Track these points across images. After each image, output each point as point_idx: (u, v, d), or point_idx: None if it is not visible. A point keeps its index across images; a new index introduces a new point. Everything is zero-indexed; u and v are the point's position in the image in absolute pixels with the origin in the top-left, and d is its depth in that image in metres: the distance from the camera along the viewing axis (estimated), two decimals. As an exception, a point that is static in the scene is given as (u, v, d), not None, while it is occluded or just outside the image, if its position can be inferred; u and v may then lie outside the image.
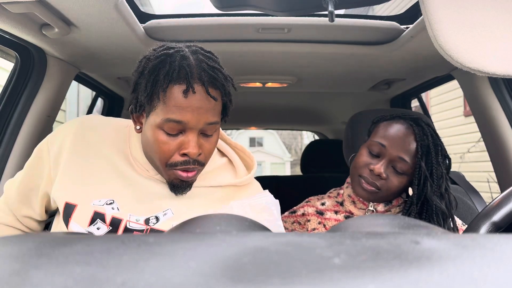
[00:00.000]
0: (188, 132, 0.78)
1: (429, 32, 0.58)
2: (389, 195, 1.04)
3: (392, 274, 0.17)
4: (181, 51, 0.78)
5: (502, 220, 0.63)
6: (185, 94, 0.75)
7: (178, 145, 0.79)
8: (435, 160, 0.99)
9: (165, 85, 0.75)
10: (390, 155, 1.00)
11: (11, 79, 1.23)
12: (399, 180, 1.00)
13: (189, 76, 0.75)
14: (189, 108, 0.75)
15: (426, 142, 0.99)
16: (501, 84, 1.32)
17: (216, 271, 0.17)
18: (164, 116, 0.76)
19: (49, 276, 0.17)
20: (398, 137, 1.01)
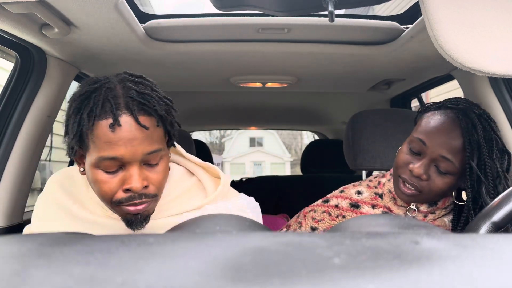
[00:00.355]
0: (128, 167, 0.73)
1: (429, 32, 0.58)
2: (432, 197, 0.90)
3: (392, 274, 0.17)
4: (106, 83, 0.74)
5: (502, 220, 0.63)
6: (112, 128, 0.70)
7: (120, 182, 0.74)
8: (488, 157, 0.83)
9: (90, 123, 0.71)
10: (432, 154, 0.87)
11: (11, 79, 1.23)
12: (444, 181, 0.87)
13: (114, 108, 0.70)
14: (121, 142, 0.70)
15: (475, 137, 0.84)
16: (501, 84, 1.32)
17: (216, 271, 0.17)
18: (97, 154, 0.72)
19: (49, 276, 0.17)
20: (440, 132, 0.86)
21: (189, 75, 1.66)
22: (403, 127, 1.35)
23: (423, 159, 0.88)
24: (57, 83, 1.28)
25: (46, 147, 1.38)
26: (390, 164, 1.34)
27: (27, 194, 1.28)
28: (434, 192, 0.89)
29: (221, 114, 2.73)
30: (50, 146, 4.24)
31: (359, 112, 1.40)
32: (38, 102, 1.23)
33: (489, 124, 0.88)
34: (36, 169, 1.30)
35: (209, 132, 18.17)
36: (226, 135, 22.22)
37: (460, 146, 0.85)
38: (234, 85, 1.79)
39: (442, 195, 0.91)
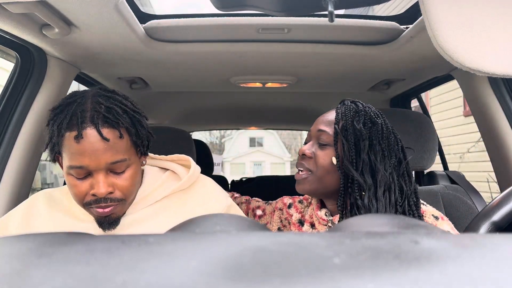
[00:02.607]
0: (95, 174, 0.80)
1: (429, 32, 0.58)
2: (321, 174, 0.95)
3: (392, 274, 0.17)
4: (80, 96, 0.82)
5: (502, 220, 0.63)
6: (77, 140, 0.77)
7: (89, 186, 0.81)
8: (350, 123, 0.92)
9: (60, 135, 0.79)
10: (315, 133, 0.98)
11: (11, 79, 1.23)
12: (325, 152, 0.95)
13: (79, 122, 0.77)
14: (86, 153, 0.77)
15: (343, 110, 0.96)
16: (501, 84, 1.32)
17: (216, 271, 0.17)
18: (67, 163, 0.80)
19: (49, 276, 0.17)
20: (320, 116, 1.01)
21: (189, 75, 1.66)
22: (403, 127, 1.35)
23: (310, 141, 0.99)
24: (57, 83, 1.28)
25: (46, 147, 1.38)
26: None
27: (27, 194, 1.28)
28: (321, 167, 0.94)
29: (221, 114, 2.73)
30: (50, 146, 4.25)
31: (359, 112, 1.40)
32: (38, 102, 1.23)
33: (362, 104, 0.97)
34: (36, 169, 1.30)
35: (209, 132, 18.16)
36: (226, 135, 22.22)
37: (332, 119, 0.97)
38: (234, 85, 1.79)
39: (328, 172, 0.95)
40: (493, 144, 1.37)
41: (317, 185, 0.96)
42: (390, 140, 0.93)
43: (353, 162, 0.90)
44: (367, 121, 0.93)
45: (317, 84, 1.84)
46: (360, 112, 0.94)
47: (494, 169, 1.41)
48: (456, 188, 1.40)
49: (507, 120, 1.31)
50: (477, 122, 1.43)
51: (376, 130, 0.92)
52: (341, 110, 0.96)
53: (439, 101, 6.38)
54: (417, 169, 1.37)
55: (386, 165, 0.90)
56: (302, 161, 0.98)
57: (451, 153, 5.68)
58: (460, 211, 1.31)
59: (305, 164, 0.97)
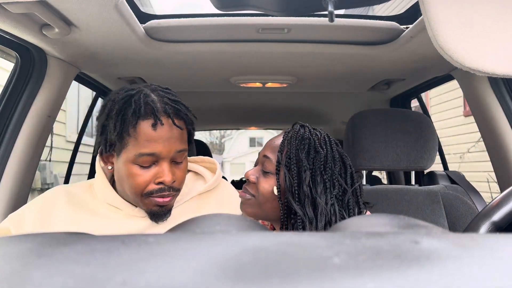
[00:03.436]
0: (161, 162, 0.84)
1: (429, 32, 0.58)
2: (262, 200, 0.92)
3: (392, 274, 0.17)
4: (142, 90, 0.85)
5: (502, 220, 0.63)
6: (154, 128, 0.81)
7: (153, 176, 0.84)
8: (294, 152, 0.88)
9: (134, 122, 0.80)
10: (261, 158, 0.95)
11: (11, 79, 1.23)
12: (266, 180, 0.91)
13: (156, 111, 0.81)
14: (160, 140, 0.82)
15: (288, 137, 0.91)
16: (501, 84, 1.32)
17: (216, 271, 0.17)
18: (137, 151, 0.81)
19: (49, 276, 0.17)
20: (269, 140, 0.97)
21: (189, 75, 1.66)
22: (403, 127, 1.35)
23: (256, 166, 0.97)
24: (57, 83, 1.28)
25: (46, 147, 1.38)
26: (390, 164, 1.34)
27: (27, 194, 1.28)
28: (261, 193, 0.91)
29: (221, 114, 2.73)
30: (50, 146, 4.25)
31: (359, 112, 1.40)
32: (38, 102, 1.23)
33: (310, 130, 0.93)
34: (36, 169, 1.30)
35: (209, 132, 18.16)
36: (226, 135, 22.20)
37: (278, 145, 0.92)
38: (234, 85, 1.79)
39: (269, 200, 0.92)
40: (493, 144, 1.36)
41: (258, 210, 0.93)
42: (335, 170, 0.88)
43: (295, 193, 0.86)
44: (311, 150, 0.88)
45: (317, 84, 1.84)
46: (305, 139, 0.90)
47: (494, 169, 1.41)
48: (456, 188, 1.40)
49: (507, 120, 1.31)
50: (477, 122, 1.43)
51: (318, 160, 0.87)
52: (287, 136, 0.92)
53: (439, 101, 6.38)
54: (417, 169, 1.37)
55: (328, 197, 0.86)
56: (246, 185, 0.95)
57: (451, 153, 5.68)
58: (460, 211, 1.31)
59: (248, 189, 0.94)
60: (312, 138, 0.91)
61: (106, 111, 0.85)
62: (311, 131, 0.94)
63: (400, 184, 2.22)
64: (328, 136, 0.95)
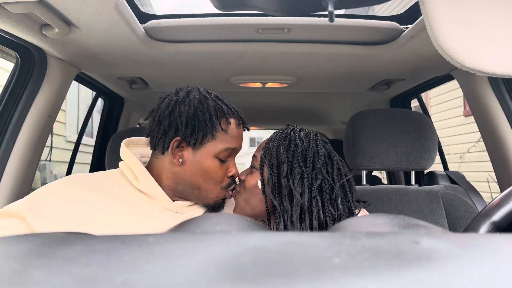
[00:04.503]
0: (231, 158, 0.95)
1: (429, 32, 0.58)
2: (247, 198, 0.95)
3: (392, 274, 0.17)
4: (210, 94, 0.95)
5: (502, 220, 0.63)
6: (238, 126, 0.94)
7: (225, 170, 0.94)
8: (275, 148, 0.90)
9: (227, 119, 0.91)
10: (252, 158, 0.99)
11: (11, 79, 1.23)
12: (252, 176, 0.95)
13: (237, 111, 0.94)
14: (240, 137, 0.95)
15: (274, 135, 0.95)
16: (501, 84, 1.32)
17: (216, 271, 0.17)
18: (224, 145, 0.91)
19: (49, 276, 0.17)
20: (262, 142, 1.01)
21: (189, 75, 1.66)
22: (403, 127, 1.35)
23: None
24: (57, 83, 1.28)
25: (46, 147, 1.38)
26: (390, 164, 1.34)
27: (27, 194, 1.28)
28: (247, 188, 0.95)
29: (221, 114, 2.73)
30: (50, 146, 4.25)
31: (359, 112, 1.40)
32: (38, 102, 1.23)
33: (295, 129, 0.95)
34: (36, 169, 1.30)
35: (209, 132, 18.09)
36: (226, 135, 22.13)
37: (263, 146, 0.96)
38: (234, 85, 1.79)
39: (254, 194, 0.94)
40: (493, 144, 1.37)
41: (245, 206, 0.95)
42: (317, 164, 0.88)
43: (274, 186, 0.88)
44: (291, 144, 0.90)
45: (317, 84, 1.83)
46: (287, 135, 0.92)
47: (494, 169, 1.41)
48: (456, 188, 1.40)
49: (507, 120, 1.31)
50: (477, 122, 1.43)
51: (297, 152, 0.89)
52: (273, 135, 0.96)
53: (439, 101, 6.38)
54: (417, 169, 1.37)
55: (304, 188, 0.86)
56: (237, 184, 1.00)
57: (451, 153, 5.68)
58: (460, 211, 1.31)
59: (236, 187, 0.99)
60: (294, 134, 0.93)
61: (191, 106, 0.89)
62: (295, 129, 0.96)
63: (400, 184, 2.22)
64: (315, 134, 0.95)
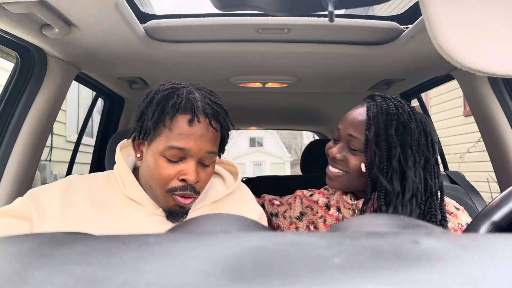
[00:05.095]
0: (188, 159, 0.83)
1: (429, 32, 0.58)
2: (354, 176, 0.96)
3: (392, 274, 0.17)
4: (187, 87, 0.86)
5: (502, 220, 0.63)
6: (190, 123, 0.81)
7: (178, 171, 0.83)
8: (383, 129, 0.89)
9: (172, 114, 0.81)
10: (343, 135, 0.96)
11: (11, 79, 1.23)
12: (356, 157, 0.94)
13: (195, 107, 0.82)
14: (193, 136, 0.81)
15: (374, 113, 0.92)
16: (501, 84, 1.32)
17: (216, 271, 0.17)
18: (168, 143, 0.81)
19: (49, 276, 0.17)
20: (349, 115, 0.97)
21: (189, 75, 1.66)
22: (403, 127, 1.35)
23: (339, 143, 0.99)
24: (57, 83, 1.28)
25: (46, 147, 1.38)
26: (390, 164, 1.34)
27: (27, 194, 1.28)
28: (352, 170, 0.95)
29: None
30: (50, 146, 4.25)
31: (359, 112, 1.40)
32: (38, 102, 1.23)
33: (395, 104, 0.93)
34: (36, 169, 1.30)
35: (209, 132, 18.08)
36: (226, 135, 22.12)
37: (363, 123, 0.93)
38: (234, 85, 1.79)
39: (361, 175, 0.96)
40: (493, 144, 1.36)
41: (348, 184, 0.98)
42: (421, 141, 0.89)
43: (383, 169, 0.89)
44: (400, 126, 0.89)
45: (317, 84, 1.83)
46: (392, 115, 0.90)
47: (494, 169, 1.41)
48: (456, 188, 1.40)
49: (507, 120, 1.31)
50: (477, 122, 1.43)
51: (409, 135, 0.88)
52: (372, 112, 0.92)
53: (439, 101, 6.38)
54: (417, 169, 1.37)
55: (417, 170, 0.88)
56: (334, 162, 0.99)
57: (451, 153, 5.68)
58: (460, 211, 1.31)
59: (338, 166, 0.97)
60: (399, 112, 0.91)
61: (148, 98, 0.85)
62: (395, 104, 0.93)
63: (400, 184, 2.21)
64: (410, 106, 0.95)
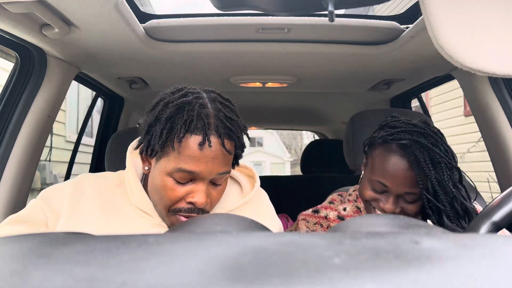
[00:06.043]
0: (199, 182, 0.77)
1: (429, 32, 0.58)
2: None
3: (392, 274, 0.17)
4: (200, 97, 0.78)
5: (502, 220, 0.63)
6: (201, 146, 0.74)
7: (186, 193, 0.78)
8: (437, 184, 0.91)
9: (181, 135, 0.74)
10: (396, 192, 0.95)
11: (11, 79, 1.23)
12: (415, 205, 0.97)
13: (206, 128, 0.74)
14: (203, 160, 0.75)
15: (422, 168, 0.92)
16: (501, 84, 1.32)
17: (216, 271, 0.17)
18: (177, 165, 0.75)
19: (49, 276, 0.17)
20: (398, 174, 0.94)
21: (189, 75, 1.66)
22: (403, 127, 1.35)
23: (390, 196, 0.96)
24: (57, 83, 1.28)
25: (46, 147, 1.38)
26: (390, 164, 1.34)
27: (27, 194, 1.28)
28: (410, 214, 0.96)
29: (221, 114, 2.73)
30: (50, 146, 4.25)
31: (359, 112, 1.40)
32: (38, 102, 1.23)
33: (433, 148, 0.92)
34: (35, 169, 1.30)
35: (209, 132, 18.06)
36: (226, 135, 22.11)
37: (414, 179, 0.92)
38: (234, 85, 1.79)
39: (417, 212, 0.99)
40: (493, 144, 1.36)
41: None
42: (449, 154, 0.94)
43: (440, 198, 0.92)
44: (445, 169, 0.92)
45: (317, 84, 1.83)
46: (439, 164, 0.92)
47: (494, 169, 1.40)
48: (456, 188, 1.40)
49: (508, 120, 1.31)
50: (477, 122, 1.43)
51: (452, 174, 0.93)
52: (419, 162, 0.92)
53: (439, 101, 6.38)
54: (417, 169, 1.37)
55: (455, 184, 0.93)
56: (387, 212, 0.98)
57: (451, 153, 5.66)
58: (460, 211, 1.31)
59: None
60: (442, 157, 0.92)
61: (156, 111, 0.78)
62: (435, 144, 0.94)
63: (400, 184, 2.21)
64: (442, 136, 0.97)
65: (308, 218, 1.15)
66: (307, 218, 1.15)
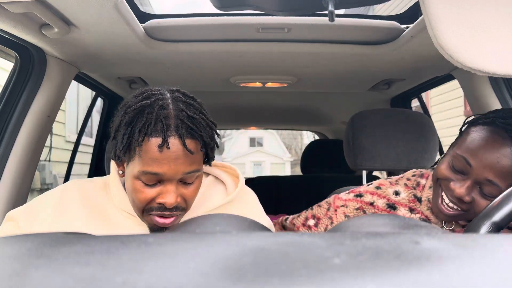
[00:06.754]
0: (166, 183, 0.78)
1: (429, 32, 0.58)
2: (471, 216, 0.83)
3: (392, 274, 0.17)
4: (161, 99, 0.77)
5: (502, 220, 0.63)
6: (160, 148, 0.74)
7: (156, 194, 0.79)
8: None
9: (140, 139, 0.74)
10: (477, 176, 0.81)
11: (11, 79, 1.23)
12: (487, 203, 0.78)
13: (165, 130, 0.74)
14: (165, 161, 0.75)
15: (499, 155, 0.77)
16: (501, 83, 1.32)
17: (216, 271, 0.17)
18: (141, 168, 0.76)
19: (49, 276, 0.17)
20: (488, 152, 0.79)
21: (189, 75, 1.66)
22: (403, 127, 1.35)
23: (466, 180, 0.82)
24: (57, 83, 1.28)
25: (46, 147, 1.38)
26: (391, 164, 1.34)
27: (27, 194, 1.28)
28: (476, 211, 0.81)
29: (221, 114, 2.74)
30: (50, 146, 4.25)
31: (359, 112, 1.40)
32: (38, 102, 1.23)
33: None
34: (36, 169, 1.30)
35: (209, 132, 18.06)
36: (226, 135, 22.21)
37: (509, 169, 0.77)
38: (234, 85, 1.79)
39: None
40: (493, 144, 1.36)
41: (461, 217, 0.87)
42: None
43: None
44: None
45: (317, 84, 1.83)
46: None
47: (494, 169, 1.40)
48: (456, 188, 1.40)
49: (507, 120, 1.31)
50: (477, 122, 1.43)
51: None
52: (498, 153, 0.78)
53: (439, 101, 6.39)
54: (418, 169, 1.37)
55: None
56: (454, 199, 0.84)
57: (451, 153, 5.66)
58: (460, 211, 1.31)
59: (460, 206, 0.83)
60: None
61: (119, 117, 0.80)
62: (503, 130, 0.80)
63: (400, 184, 2.21)
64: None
65: (348, 203, 1.01)
66: (347, 203, 1.01)
